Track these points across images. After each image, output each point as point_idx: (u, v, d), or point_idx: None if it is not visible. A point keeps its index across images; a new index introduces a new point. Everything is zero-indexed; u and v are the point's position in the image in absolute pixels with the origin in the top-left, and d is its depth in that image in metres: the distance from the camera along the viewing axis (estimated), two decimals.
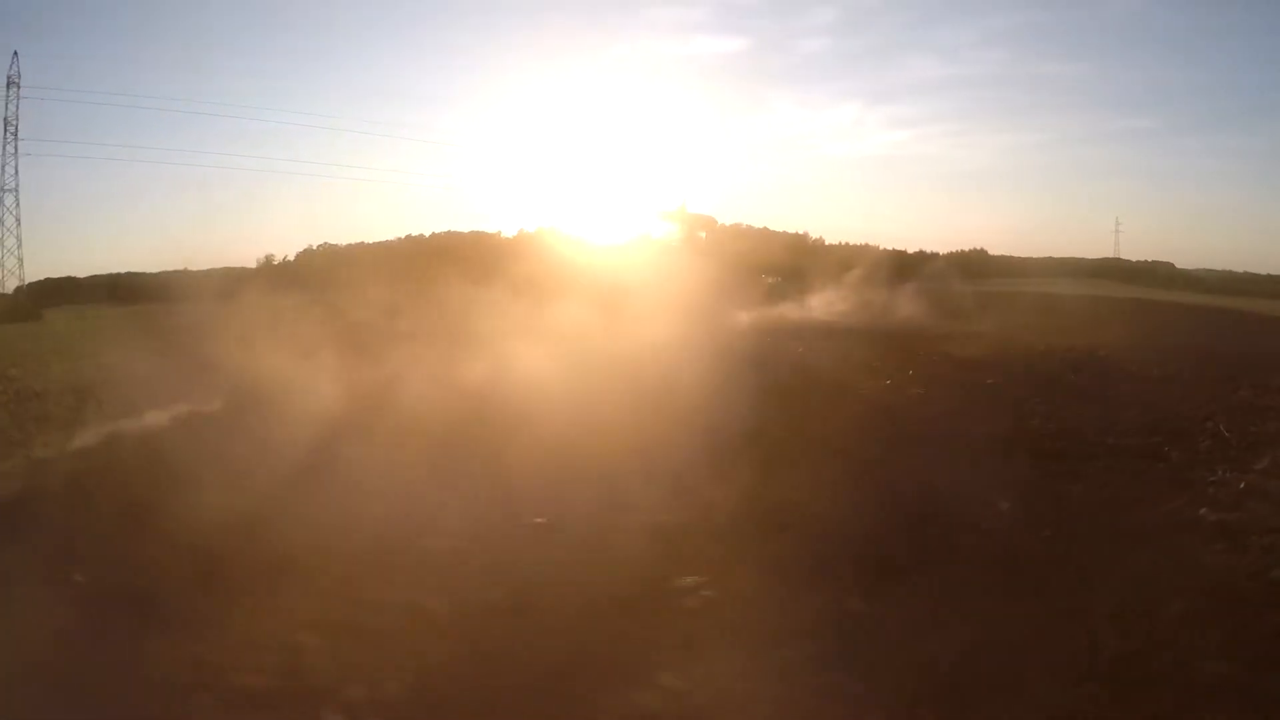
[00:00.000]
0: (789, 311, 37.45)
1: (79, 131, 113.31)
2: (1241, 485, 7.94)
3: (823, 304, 40.06)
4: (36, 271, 70.70)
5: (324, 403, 12.30)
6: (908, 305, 36.88)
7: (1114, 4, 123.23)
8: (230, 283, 27.78)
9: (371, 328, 20.52)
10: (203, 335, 18.34)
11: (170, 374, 15.96)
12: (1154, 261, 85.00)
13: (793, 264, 49.60)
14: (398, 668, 4.90)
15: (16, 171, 60.86)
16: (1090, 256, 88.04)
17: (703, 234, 28.66)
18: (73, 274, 61.22)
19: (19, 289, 59.64)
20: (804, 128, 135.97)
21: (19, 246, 61.64)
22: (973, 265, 65.25)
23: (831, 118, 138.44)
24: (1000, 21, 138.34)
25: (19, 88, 59.45)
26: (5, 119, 59.30)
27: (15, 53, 60.53)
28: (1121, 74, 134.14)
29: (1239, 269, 79.07)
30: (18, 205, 61.14)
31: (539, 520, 7.47)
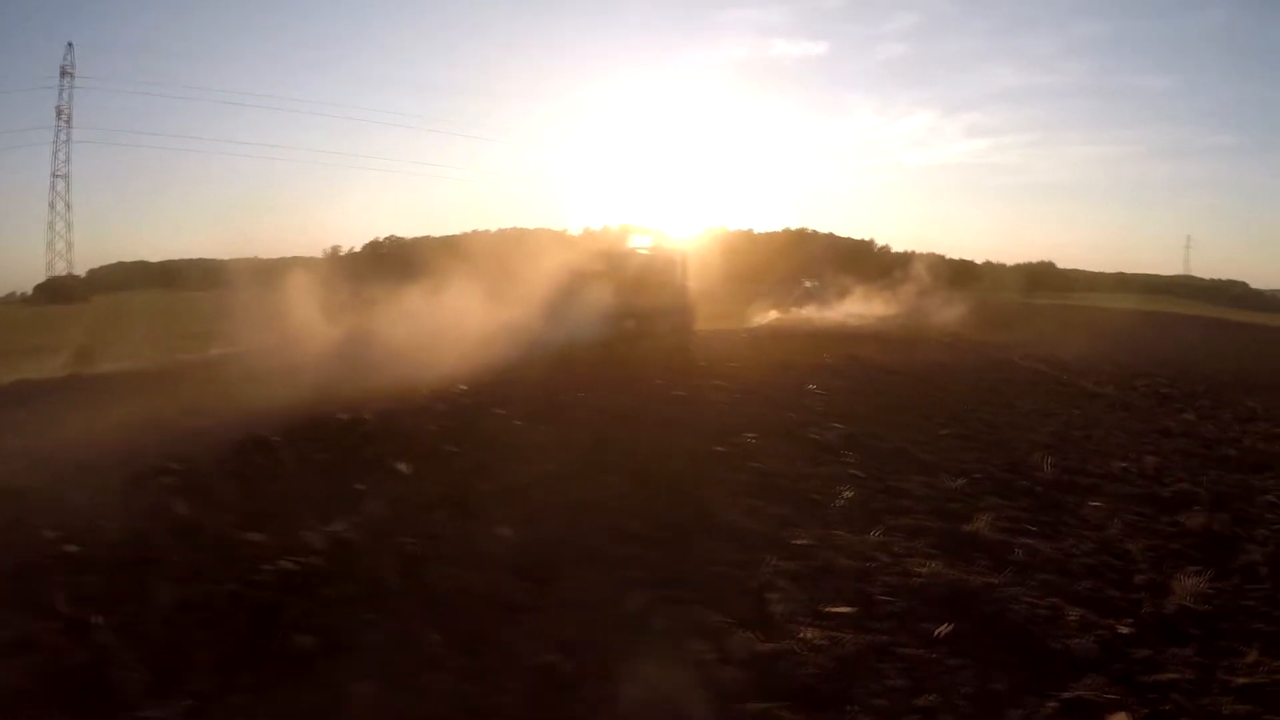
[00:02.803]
0: (813, 314, 36.13)
1: (138, 121, 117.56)
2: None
3: (860, 308, 38.41)
4: (102, 256, 74.10)
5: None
6: (948, 313, 34.66)
7: (1201, 16, 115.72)
8: (285, 271, 28.43)
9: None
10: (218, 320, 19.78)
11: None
12: (1227, 280, 79.52)
13: (852, 268, 48.55)
14: None
15: (68, 159, 63.94)
16: (1165, 273, 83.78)
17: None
18: (145, 259, 63.97)
19: (69, 273, 62.66)
20: (880, 134, 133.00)
21: (69, 230, 64.66)
22: (1038, 277, 61.67)
23: (908, 125, 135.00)
24: (1083, 31, 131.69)
25: (73, 77, 62.29)
26: (59, 107, 62.28)
27: (70, 43, 63.55)
28: (1206, 88, 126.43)
29: None
30: (68, 190, 64.07)
31: None
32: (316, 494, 6.07)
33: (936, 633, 4.22)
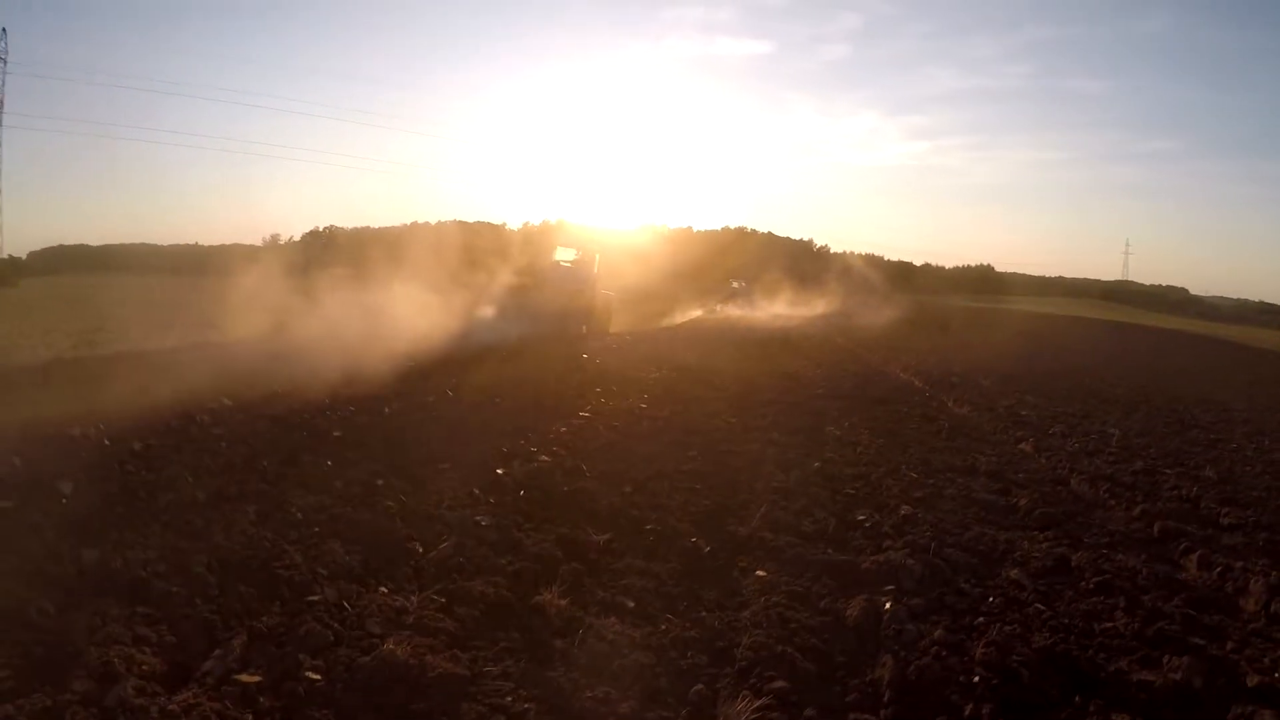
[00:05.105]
0: (737, 313, 36.05)
1: (73, 109, 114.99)
2: None
3: (788, 309, 38.13)
4: (44, 239, 72.22)
5: None
6: (877, 316, 33.93)
7: (1142, 22, 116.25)
8: (222, 259, 27.86)
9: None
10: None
11: None
12: (1166, 286, 78.92)
13: (791, 268, 48.52)
14: None
15: (0, 144, 62.23)
16: (1104, 278, 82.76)
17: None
18: (86, 242, 62.50)
19: (8, 255, 61.12)
20: (822, 134, 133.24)
21: None
22: (976, 281, 60.73)
23: (850, 126, 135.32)
24: (1025, 36, 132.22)
25: (5, 63, 60.25)
26: None
27: (3, 29, 61.37)
28: (1147, 94, 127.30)
29: (1258, 298, 72.72)
30: None
31: None
32: None
33: None
